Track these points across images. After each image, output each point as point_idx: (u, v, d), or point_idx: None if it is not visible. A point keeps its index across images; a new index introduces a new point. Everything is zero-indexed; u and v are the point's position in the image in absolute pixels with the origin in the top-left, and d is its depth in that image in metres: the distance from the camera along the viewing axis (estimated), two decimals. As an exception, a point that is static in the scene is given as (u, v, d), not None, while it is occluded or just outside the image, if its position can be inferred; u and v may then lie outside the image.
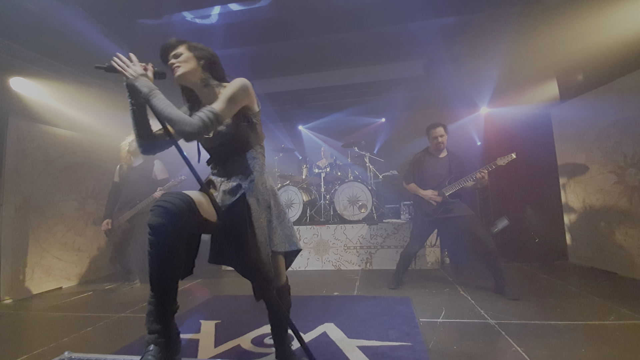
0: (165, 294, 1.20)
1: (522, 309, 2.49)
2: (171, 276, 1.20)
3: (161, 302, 1.20)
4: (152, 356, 1.15)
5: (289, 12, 3.81)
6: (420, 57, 4.99)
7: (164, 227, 1.14)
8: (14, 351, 2.06)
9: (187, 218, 1.20)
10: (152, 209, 1.17)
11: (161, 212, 1.15)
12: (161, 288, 1.19)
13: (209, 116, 1.25)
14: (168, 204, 1.16)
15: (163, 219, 1.14)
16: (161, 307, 1.20)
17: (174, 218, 1.15)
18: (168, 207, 1.15)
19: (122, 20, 3.83)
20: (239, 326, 2.36)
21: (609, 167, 3.47)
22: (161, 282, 1.19)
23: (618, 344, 1.86)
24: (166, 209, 1.15)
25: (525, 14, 3.79)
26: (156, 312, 1.20)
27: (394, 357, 1.80)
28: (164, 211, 1.15)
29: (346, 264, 4.32)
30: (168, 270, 1.19)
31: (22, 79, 3.58)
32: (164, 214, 1.14)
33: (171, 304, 1.22)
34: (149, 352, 1.16)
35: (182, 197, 1.21)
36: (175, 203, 1.17)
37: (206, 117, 1.24)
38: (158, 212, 1.15)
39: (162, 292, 1.20)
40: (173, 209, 1.15)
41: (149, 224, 1.15)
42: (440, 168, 3.24)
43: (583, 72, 3.89)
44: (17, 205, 3.51)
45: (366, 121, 6.86)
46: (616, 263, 3.40)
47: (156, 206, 1.16)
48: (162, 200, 1.18)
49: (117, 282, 3.91)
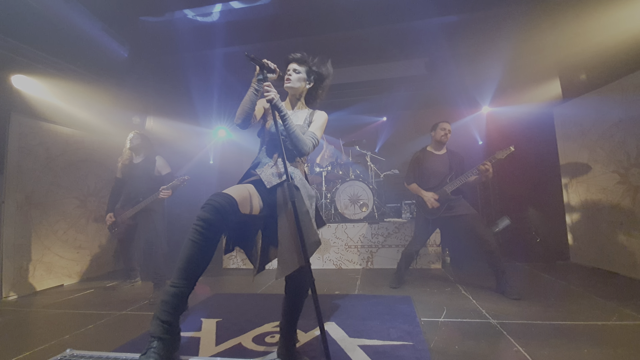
0: (190, 286, 1.27)
1: (523, 308, 2.49)
2: (202, 269, 1.30)
3: (182, 293, 1.24)
4: (155, 352, 1.15)
5: (291, 10, 3.80)
6: (423, 56, 4.97)
7: (212, 222, 1.29)
8: (16, 348, 2.07)
9: (230, 218, 1.36)
10: (204, 206, 1.31)
11: (212, 209, 1.30)
12: (190, 278, 1.27)
13: (314, 141, 1.70)
14: (218, 203, 1.32)
15: (212, 215, 1.29)
16: (179, 299, 1.24)
17: (220, 216, 1.31)
18: (218, 206, 1.31)
19: (123, 18, 3.82)
20: (240, 324, 2.36)
21: (612, 167, 3.45)
22: (193, 273, 1.27)
23: (620, 344, 1.85)
24: (216, 208, 1.30)
25: (528, 13, 3.77)
26: (173, 303, 1.23)
27: (396, 356, 1.80)
28: (214, 209, 1.30)
29: (347, 263, 4.32)
30: (203, 262, 1.30)
31: (24, 77, 3.58)
32: (213, 211, 1.30)
33: (186, 299, 1.28)
34: (152, 349, 1.16)
35: (228, 200, 1.36)
36: (222, 204, 1.33)
37: (313, 140, 1.69)
38: (209, 209, 1.30)
39: (188, 283, 1.26)
40: (221, 209, 1.31)
41: (201, 217, 1.29)
42: (440, 165, 3.23)
43: (586, 71, 3.87)
44: (19, 202, 3.51)
45: (367, 120, 6.85)
46: (619, 263, 3.39)
47: (208, 204, 1.31)
48: (213, 199, 1.33)
49: (119, 280, 3.92)
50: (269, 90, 1.56)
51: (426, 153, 3.33)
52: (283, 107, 1.59)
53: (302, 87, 1.78)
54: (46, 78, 3.75)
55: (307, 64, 1.76)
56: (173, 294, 1.23)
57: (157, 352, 1.16)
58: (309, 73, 1.77)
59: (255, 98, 1.63)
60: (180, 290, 1.24)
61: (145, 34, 4.06)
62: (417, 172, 3.31)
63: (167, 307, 1.22)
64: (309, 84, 1.80)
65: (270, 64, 1.63)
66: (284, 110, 1.59)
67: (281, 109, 1.58)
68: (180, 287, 1.24)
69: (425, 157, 3.31)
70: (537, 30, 3.97)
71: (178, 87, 5.37)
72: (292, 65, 1.76)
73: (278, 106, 1.57)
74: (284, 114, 1.58)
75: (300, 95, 1.83)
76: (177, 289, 1.24)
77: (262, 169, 1.65)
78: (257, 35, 4.18)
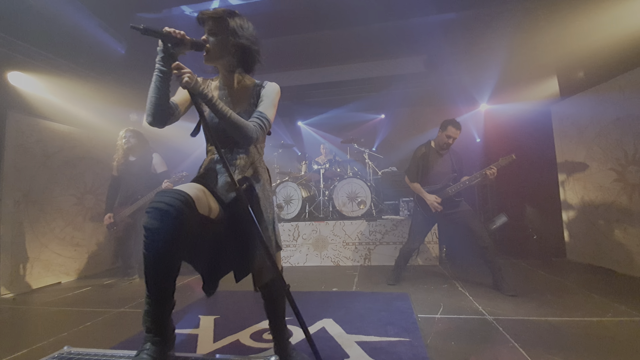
0: (161, 295, 1.17)
1: (519, 305, 2.51)
2: (167, 278, 1.15)
3: (157, 302, 1.17)
4: (147, 354, 1.14)
5: (289, 7, 3.78)
6: (421, 53, 4.96)
7: (160, 230, 1.07)
8: (13, 345, 2.07)
9: (186, 219, 1.11)
10: (148, 210, 1.10)
11: (157, 215, 1.08)
12: (157, 290, 1.16)
13: (264, 123, 1.36)
14: (164, 205, 1.08)
15: (159, 222, 1.07)
16: (157, 307, 1.17)
17: (171, 221, 1.08)
18: (164, 208, 1.08)
19: (120, 14, 3.80)
20: (237, 321, 2.36)
21: (609, 165, 3.46)
22: (157, 284, 1.15)
23: (615, 340, 1.87)
24: (162, 211, 1.08)
25: (526, 10, 3.76)
26: (152, 312, 1.17)
27: (392, 352, 1.81)
28: (160, 214, 1.08)
29: (345, 260, 4.33)
30: (164, 273, 1.14)
31: (20, 74, 3.56)
32: (160, 216, 1.07)
33: (167, 304, 1.20)
34: (145, 351, 1.15)
35: (180, 197, 1.12)
36: (172, 204, 1.09)
37: (262, 124, 1.35)
38: (154, 215, 1.08)
39: (157, 294, 1.16)
40: (170, 211, 1.08)
41: (145, 226, 1.08)
42: (443, 166, 3.20)
43: (584, 69, 3.88)
44: (16, 200, 3.50)
45: (366, 117, 6.85)
46: (614, 260, 3.41)
47: (152, 208, 1.09)
48: (157, 201, 1.10)
49: (116, 277, 3.92)
50: (180, 72, 1.21)
51: (431, 150, 3.24)
52: (205, 90, 1.25)
53: (227, 53, 1.37)
54: (43, 75, 3.74)
55: (225, 21, 1.34)
56: (148, 303, 1.17)
57: (149, 353, 1.15)
58: (231, 33, 1.35)
59: (164, 84, 1.24)
60: (154, 300, 1.16)
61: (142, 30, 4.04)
62: (421, 169, 3.23)
63: (148, 316, 1.18)
64: (235, 47, 1.37)
65: (175, 31, 1.20)
66: (208, 94, 1.24)
67: (204, 94, 1.23)
68: (151, 297, 1.16)
69: (430, 156, 3.23)
70: (535, 28, 3.97)
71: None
72: (206, 26, 1.35)
73: (197, 89, 1.22)
74: (210, 99, 1.24)
75: (232, 65, 1.42)
76: (149, 299, 1.16)
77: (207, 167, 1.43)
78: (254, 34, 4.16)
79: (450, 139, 3.09)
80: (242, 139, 1.30)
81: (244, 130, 1.28)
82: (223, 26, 1.34)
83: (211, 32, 1.34)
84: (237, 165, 1.43)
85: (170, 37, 1.19)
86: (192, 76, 1.22)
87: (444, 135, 3.11)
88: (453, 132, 3.08)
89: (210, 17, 1.34)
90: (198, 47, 1.30)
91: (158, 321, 1.18)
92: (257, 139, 1.32)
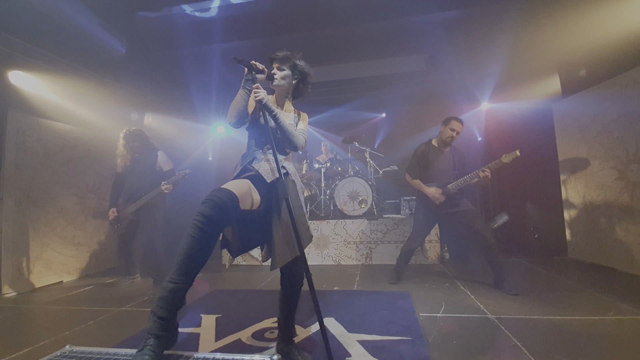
0: (188, 282, 1.26)
1: (521, 304, 2.50)
2: (201, 265, 1.29)
3: (180, 289, 1.23)
4: (151, 350, 1.15)
5: (289, 6, 3.78)
6: (422, 52, 4.96)
7: (213, 218, 1.28)
8: (16, 344, 2.07)
9: (231, 215, 1.35)
10: (205, 201, 1.31)
11: (213, 205, 1.29)
12: (188, 274, 1.26)
13: (305, 136, 1.81)
14: (219, 199, 1.31)
15: (213, 211, 1.28)
16: (176, 295, 1.23)
17: (221, 213, 1.30)
18: (219, 202, 1.30)
19: (121, 13, 3.80)
20: (239, 320, 2.37)
21: (610, 163, 3.45)
22: (191, 269, 1.26)
23: (617, 339, 1.87)
24: (217, 204, 1.30)
25: (527, 8, 3.75)
26: (170, 299, 1.22)
27: (394, 351, 1.81)
28: (215, 205, 1.29)
29: (346, 259, 4.33)
30: (202, 258, 1.29)
31: (21, 73, 3.55)
32: (215, 207, 1.29)
33: (184, 295, 1.27)
34: (148, 346, 1.16)
35: (229, 196, 1.35)
36: (224, 200, 1.32)
37: (304, 137, 1.80)
38: (210, 205, 1.29)
39: (186, 279, 1.25)
40: (222, 205, 1.31)
41: (202, 212, 1.27)
42: (444, 163, 3.18)
43: (586, 67, 3.86)
44: (17, 199, 3.50)
45: (367, 116, 6.83)
46: (616, 259, 3.41)
47: (209, 199, 1.30)
48: (215, 195, 1.33)
49: (118, 276, 3.93)
50: (258, 92, 1.63)
51: (431, 148, 3.23)
52: (272, 106, 1.67)
53: (287, 83, 1.81)
54: (43, 74, 3.73)
55: (291, 61, 1.79)
56: (171, 289, 1.22)
57: (152, 349, 1.16)
58: (294, 70, 1.80)
59: (247, 98, 1.67)
60: (179, 286, 1.23)
61: (143, 29, 4.04)
62: (422, 167, 3.22)
63: (164, 303, 1.21)
64: (294, 80, 1.83)
65: (258, 64, 1.67)
66: (274, 109, 1.66)
67: (271, 109, 1.65)
68: (178, 282, 1.23)
69: (430, 153, 3.21)
70: (537, 26, 3.96)
71: (176, 83, 5.35)
72: (276, 63, 1.79)
73: (268, 106, 1.65)
74: (275, 113, 1.66)
75: (287, 93, 1.86)
76: (175, 285, 1.23)
77: (259, 164, 1.67)
78: (255, 31, 4.16)
79: (454, 132, 3.07)
80: (292, 145, 1.72)
81: (296, 139, 1.71)
82: (288, 64, 1.78)
83: (279, 68, 1.77)
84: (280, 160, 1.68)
85: (256, 68, 1.66)
86: (266, 96, 1.66)
87: (447, 129, 3.09)
88: (457, 126, 3.07)
89: (281, 57, 1.78)
90: (270, 78, 1.76)
91: (170, 311, 1.22)
92: (302, 146, 1.76)
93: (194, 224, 1.27)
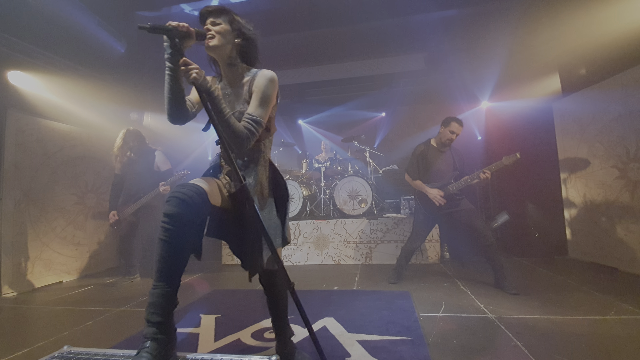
0: (172, 285, 1.20)
1: (522, 303, 2.50)
2: (180, 266, 1.22)
3: (166, 293, 1.18)
4: (148, 353, 1.12)
5: (288, 5, 3.77)
6: (421, 51, 4.95)
7: (180, 216, 1.18)
8: (14, 345, 2.07)
9: (201, 209, 1.24)
10: (169, 199, 1.20)
11: (177, 203, 1.18)
12: (169, 277, 1.19)
13: (254, 126, 1.33)
14: (184, 195, 1.20)
15: (179, 209, 1.18)
16: (165, 299, 1.18)
17: (189, 208, 1.19)
18: (184, 198, 1.19)
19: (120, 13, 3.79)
20: (239, 320, 2.36)
21: (611, 162, 3.44)
22: (171, 271, 1.20)
23: (618, 339, 1.86)
24: (182, 200, 1.19)
25: (527, 7, 3.75)
26: (159, 303, 1.17)
27: (394, 351, 1.81)
28: (180, 202, 1.19)
29: (346, 258, 4.32)
30: (179, 259, 1.21)
31: (20, 73, 3.55)
32: (180, 204, 1.18)
33: (174, 297, 1.22)
34: (145, 349, 1.13)
35: (195, 189, 1.24)
36: (189, 195, 1.21)
37: (252, 128, 1.33)
38: (174, 202, 1.18)
39: (169, 282, 1.19)
40: (188, 200, 1.19)
41: (166, 213, 1.18)
42: (444, 164, 3.18)
43: (586, 65, 3.85)
44: (17, 199, 3.50)
45: (366, 115, 6.83)
46: (617, 258, 3.40)
47: (172, 197, 1.20)
48: (178, 191, 1.21)
49: (117, 276, 3.92)
50: (188, 67, 1.22)
51: (430, 148, 3.23)
52: (212, 87, 1.26)
53: (228, 42, 1.40)
54: (43, 74, 3.73)
55: (229, 14, 1.41)
56: (157, 295, 1.18)
57: (149, 352, 1.12)
58: (233, 24, 1.40)
59: (176, 82, 1.28)
60: (163, 291, 1.18)
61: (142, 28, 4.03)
62: (422, 168, 3.21)
63: (154, 309, 1.17)
64: (237, 38, 1.42)
65: (179, 25, 1.22)
66: (214, 91, 1.26)
67: (210, 91, 1.25)
68: (161, 287, 1.18)
69: (430, 153, 3.21)
70: (537, 25, 3.94)
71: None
72: (209, 19, 1.38)
73: (205, 86, 1.24)
74: (214, 97, 1.25)
75: (232, 58, 1.44)
76: (159, 290, 1.18)
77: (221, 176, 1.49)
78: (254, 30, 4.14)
79: (453, 135, 3.07)
80: (234, 146, 1.32)
81: (235, 138, 1.29)
82: (224, 18, 1.40)
83: (214, 23, 1.38)
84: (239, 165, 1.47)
85: (177, 31, 1.21)
86: (200, 72, 1.24)
87: (447, 130, 3.08)
88: (456, 127, 3.06)
89: (213, 10, 1.40)
90: (202, 36, 1.33)
91: (163, 315, 1.18)
92: (247, 145, 1.33)
93: (162, 225, 1.19)
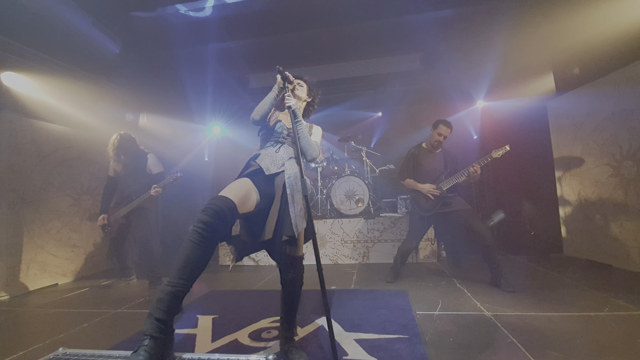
0: (187, 285, 1.29)
1: (518, 301, 2.51)
2: (201, 269, 1.35)
3: (177, 292, 1.26)
4: (145, 351, 1.14)
5: (284, 5, 3.76)
6: (417, 51, 4.96)
7: (213, 225, 1.35)
8: (9, 348, 2.05)
9: (228, 223, 1.43)
10: (205, 209, 1.38)
11: (213, 213, 1.36)
12: (189, 278, 1.29)
13: (319, 149, 1.99)
14: (219, 208, 1.39)
15: (213, 219, 1.36)
16: (174, 298, 1.25)
17: (220, 221, 1.38)
18: (218, 210, 1.38)
19: (115, 13, 3.77)
20: (236, 321, 2.36)
21: (604, 160, 3.48)
22: (192, 273, 1.30)
23: (613, 334, 1.88)
24: (216, 212, 1.37)
25: (521, 6, 3.77)
26: (167, 301, 1.23)
27: (391, 349, 1.81)
28: (215, 213, 1.37)
29: (343, 258, 4.33)
30: (202, 262, 1.34)
31: (13, 74, 3.52)
32: (214, 215, 1.36)
33: (181, 299, 1.29)
34: (144, 347, 1.15)
35: (228, 206, 1.43)
36: (223, 209, 1.39)
37: (319, 149, 1.99)
38: (210, 213, 1.36)
39: (186, 282, 1.28)
40: (221, 213, 1.38)
41: (202, 220, 1.35)
42: (435, 164, 3.24)
43: (579, 64, 3.88)
44: (11, 201, 3.47)
45: (363, 115, 6.83)
46: (611, 255, 3.43)
47: (209, 207, 1.38)
48: (214, 203, 1.40)
49: (114, 278, 3.90)
50: (290, 99, 1.84)
51: (421, 150, 3.32)
52: (299, 114, 1.86)
53: (304, 98, 2.06)
54: (36, 75, 3.70)
55: (308, 83, 2.10)
56: (169, 292, 1.24)
57: (147, 350, 1.15)
58: (310, 89, 2.10)
59: (274, 102, 1.89)
60: (177, 290, 1.26)
61: (137, 29, 4.01)
62: (412, 168, 3.30)
63: (162, 306, 1.22)
64: (309, 98, 2.10)
65: (290, 76, 1.91)
66: (300, 117, 1.85)
67: (297, 116, 1.83)
68: (177, 286, 1.26)
69: (420, 154, 3.30)
70: (531, 24, 3.97)
71: (171, 84, 5.32)
72: (298, 80, 2.05)
73: (296, 113, 1.83)
74: (299, 121, 1.83)
75: (300, 107, 2.06)
76: (174, 288, 1.25)
77: (261, 158, 1.78)
78: (250, 31, 4.15)
79: (441, 137, 3.16)
80: (309, 154, 1.88)
81: (312, 149, 1.89)
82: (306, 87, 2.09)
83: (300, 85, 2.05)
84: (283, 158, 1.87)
85: (288, 80, 1.88)
86: (295, 104, 1.85)
87: (435, 133, 3.19)
88: (444, 130, 3.16)
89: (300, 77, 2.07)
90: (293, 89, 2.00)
91: (168, 313, 1.23)
92: (316, 158, 1.94)
93: (195, 230, 1.33)
